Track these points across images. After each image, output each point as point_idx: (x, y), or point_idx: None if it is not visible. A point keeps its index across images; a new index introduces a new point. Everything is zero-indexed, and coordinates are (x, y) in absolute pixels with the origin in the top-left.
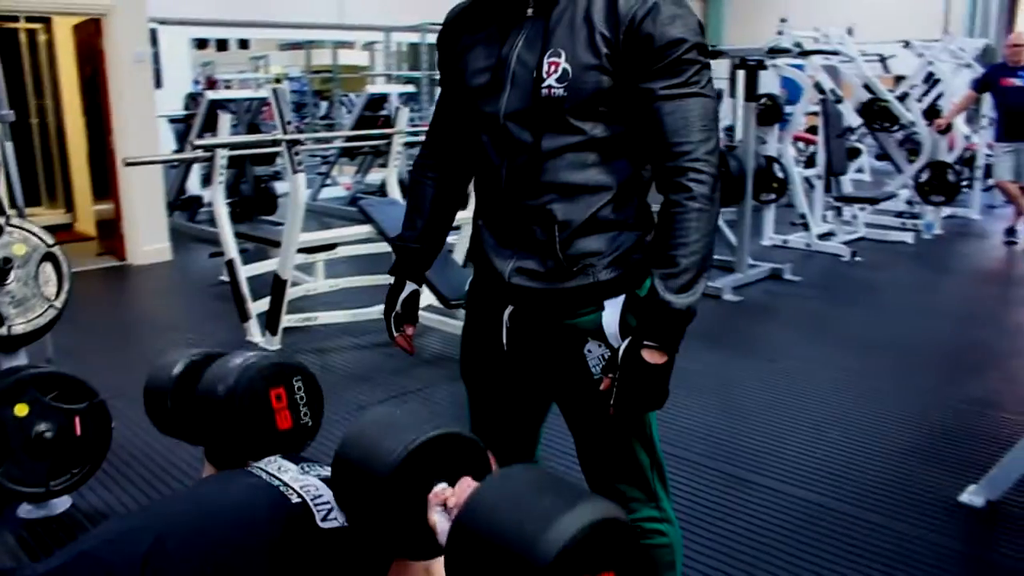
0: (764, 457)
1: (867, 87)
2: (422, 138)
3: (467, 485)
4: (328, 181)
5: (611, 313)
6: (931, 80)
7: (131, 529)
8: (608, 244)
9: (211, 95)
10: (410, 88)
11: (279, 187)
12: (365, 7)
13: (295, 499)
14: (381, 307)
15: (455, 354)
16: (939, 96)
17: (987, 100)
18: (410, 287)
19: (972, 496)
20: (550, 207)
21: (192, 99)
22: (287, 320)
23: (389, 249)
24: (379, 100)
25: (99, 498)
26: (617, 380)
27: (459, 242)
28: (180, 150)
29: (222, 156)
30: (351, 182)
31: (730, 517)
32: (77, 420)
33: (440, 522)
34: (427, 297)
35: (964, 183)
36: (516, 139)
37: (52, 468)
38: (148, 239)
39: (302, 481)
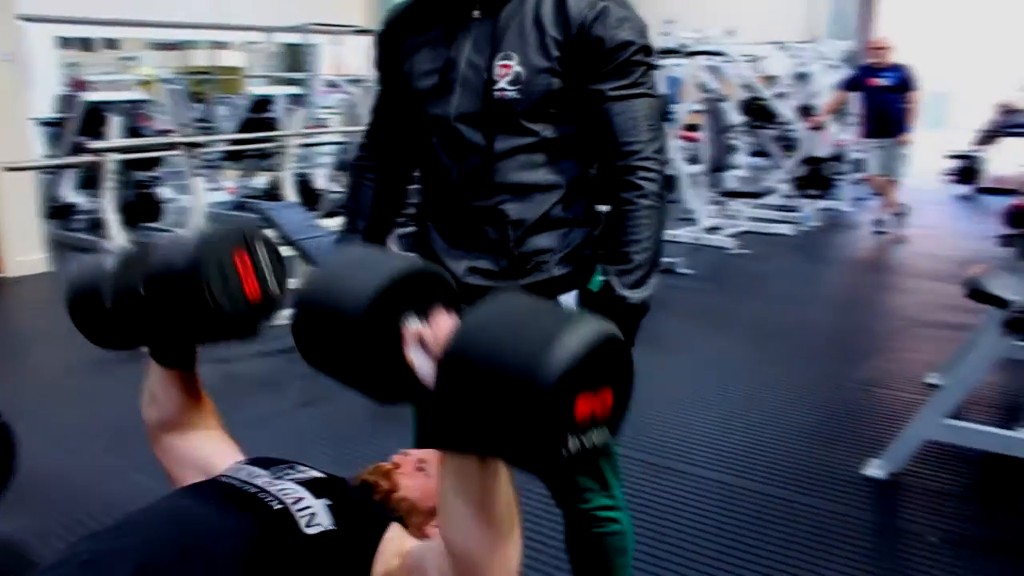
0: (679, 444)
1: (747, 86)
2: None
3: (443, 318)
4: (212, 185)
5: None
6: (803, 80)
7: (110, 551)
8: (560, 241)
9: (89, 97)
10: (297, 90)
11: (163, 193)
12: (243, 6)
13: (276, 506)
14: (286, 312)
15: None
16: (812, 95)
17: (854, 99)
18: None
19: (876, 470)
20: (502, 207)
21: (66, 101)
22: None
23: (292, 253)
24: (264, 102)
25: (5, 527)
26: None
27: None
28: (53, 155)
29: (113, 161)
30: (235, 186)
31: (653, 502)
32: None
33: (419, 359)
34: None
35: (836, 177)
36: (468, 141)
37: None
38: (23, 249)
39: (278, 486)
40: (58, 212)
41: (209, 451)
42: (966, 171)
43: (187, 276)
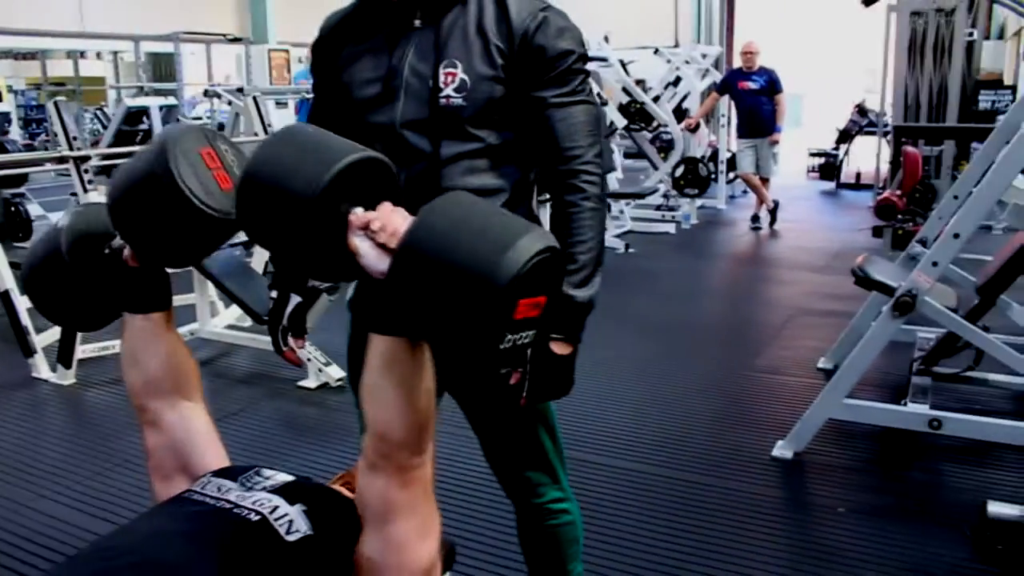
0: (594, 437)
1: (625, 90)
2: None
3: (389, 209)
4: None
5: None
6: (675, 84)
7: None
8: None
9: None
10: (170, 100)
11: (33, 210)
12: (107, 14)
13: (254, 517)
14: (183, 328)
15: (269, 371)
16: (685, 97)
17: (724, 101)
18: (295, 299)
19: (782, 450)
20: None
21: None
22: (82, 351)
23: (186, 268)
24: (138, 113)
25: None
26: (527, 373)
27: (257, 252)
28: None
29: None
30: None
31: (576, 494)
32: None
33: (362, 245)
34: (232, 315)
35: (712, 176)
36: (414, 147)
37: None
38: None
39: (251, 497)
40: None
41: (196, 444)
42: (827, 168)
43: (158, 176)
